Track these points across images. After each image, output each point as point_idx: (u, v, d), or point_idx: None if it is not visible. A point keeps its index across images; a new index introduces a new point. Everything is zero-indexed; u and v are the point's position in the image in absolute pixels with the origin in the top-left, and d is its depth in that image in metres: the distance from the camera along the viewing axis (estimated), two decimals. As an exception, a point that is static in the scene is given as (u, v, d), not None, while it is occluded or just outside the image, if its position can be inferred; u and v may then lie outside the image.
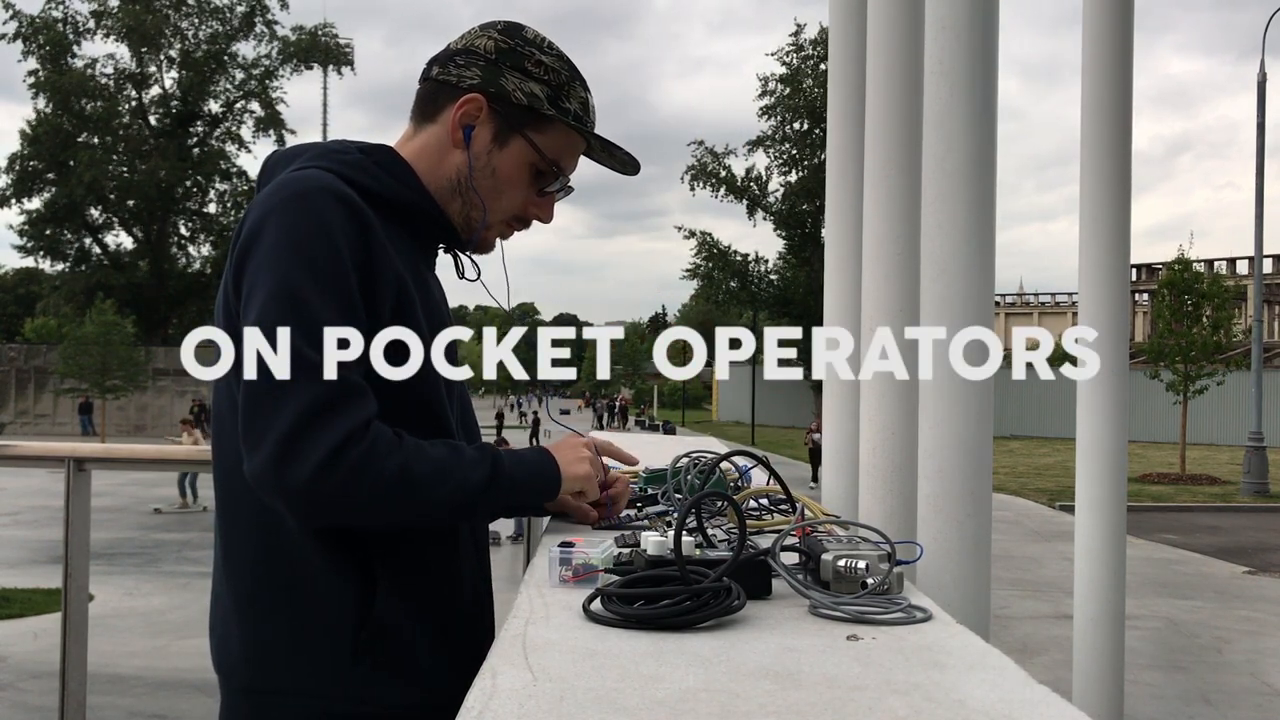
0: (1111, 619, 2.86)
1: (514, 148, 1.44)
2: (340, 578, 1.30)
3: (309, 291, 1.23)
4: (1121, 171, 2.86)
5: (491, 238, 1.51)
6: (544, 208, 1.51)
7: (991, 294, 1.70)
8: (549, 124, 1.44)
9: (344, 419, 1.19)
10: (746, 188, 45.94)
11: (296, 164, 1.37)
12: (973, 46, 1.67)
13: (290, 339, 1.20)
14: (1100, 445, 2.89)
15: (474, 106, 1.42)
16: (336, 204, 1.28)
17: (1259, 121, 20.28)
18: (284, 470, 1.17)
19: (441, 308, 1.46)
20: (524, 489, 1.35)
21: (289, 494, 1.18)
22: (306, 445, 1.17)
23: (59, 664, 2.63)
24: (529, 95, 1.42)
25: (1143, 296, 58.51)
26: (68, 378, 34.14)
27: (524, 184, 1.47)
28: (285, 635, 1.31)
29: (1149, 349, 22.85)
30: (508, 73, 1.42)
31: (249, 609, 1.34)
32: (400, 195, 1.40)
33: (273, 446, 1.17)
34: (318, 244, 1.25)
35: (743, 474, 1.73)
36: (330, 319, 1.23)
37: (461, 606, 1.41)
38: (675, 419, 49.56)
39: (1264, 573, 11.83)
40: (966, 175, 1.66)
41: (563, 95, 1.44)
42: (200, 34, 46.36)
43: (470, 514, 1.33)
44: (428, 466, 1.25)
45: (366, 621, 1.30)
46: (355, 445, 1.19)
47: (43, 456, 2.96)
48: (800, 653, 0.90)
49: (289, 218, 1.26)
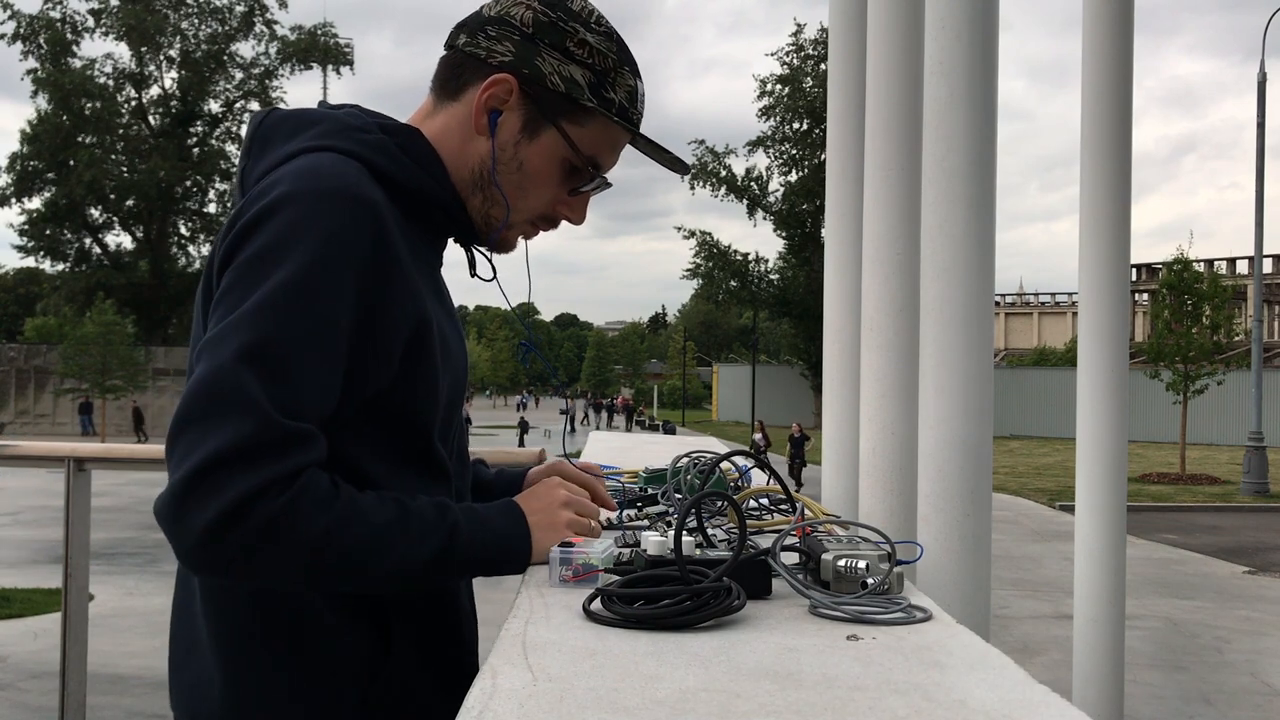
0: (1111, 619, 2.86)
1: (546, 140, 1.25)
2: (350, 621, 1.17)
3: (285, 315, 1.05)
4: (1121, 172, 2.86)
5: (513, 237, 1.33)
6: (575, 208, 1.32)
7: (991, 294, 1.70)
8: (589, 116, 1.25)
9: (269, 465, 1.00)
10: (746, 187, 46.01)
11: (307, 136, 1.19)
12: (973, 46, 1.67)
13: (239, 363, 1.01)
14: (1100, 445, 2.89)
15: (503, 89, 1.23)
16: (360, 218, 1.10)
17: (1259, 121, 20.32)
18: (181, 511, 0.98)
19: (454, 314, 1.32)
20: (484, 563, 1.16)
21: (180, 539, 1.00)
22: (212, 488, 0.98)
23: (59, 664, 2.63)
24: (568, 81, 1.23)
25: (1143, 296, 58.51)
26: (68, 378, 34.16)
27: (554, 181, 1.28)
28: (282, 683, 1.16)
29: (1149, 349, 22.84)
30: (545, 52, 1.23)
31: (239, 651, 1.17)
32: (424, 187, 1.23)
33: (178, 482, 0.99)
34: (321, 261, 1.07)
35: (743, 474, 1.73)
36: (300, 352, 1.05)
37: (464, 652, 1.30)
38: (675, 419, 49.56)
39: (1264, 573, 11.83)
40: (966, 175, 1.66)
41: (608, 83, 1.24)
42: (200, 34, 46.40)
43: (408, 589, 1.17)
44: (363, 534, 1.06)
45: (379, 673, 1.18)
46: (271, 498, 1.00)
47: (43, 456, 2.96)
48: (800, 653, 0.90)
49: (298, 220, 1.08)
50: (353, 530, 1.05)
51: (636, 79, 1.28)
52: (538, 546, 1.18)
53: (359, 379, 1.13)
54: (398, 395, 1.18)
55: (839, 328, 2.56)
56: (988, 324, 1.68)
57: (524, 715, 0.74)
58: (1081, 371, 2.93)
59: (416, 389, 1.19)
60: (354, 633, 1.18)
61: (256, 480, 0.99)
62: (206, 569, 1.04)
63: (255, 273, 1.06)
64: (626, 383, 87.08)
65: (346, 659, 1.17)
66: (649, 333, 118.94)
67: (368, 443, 1.17)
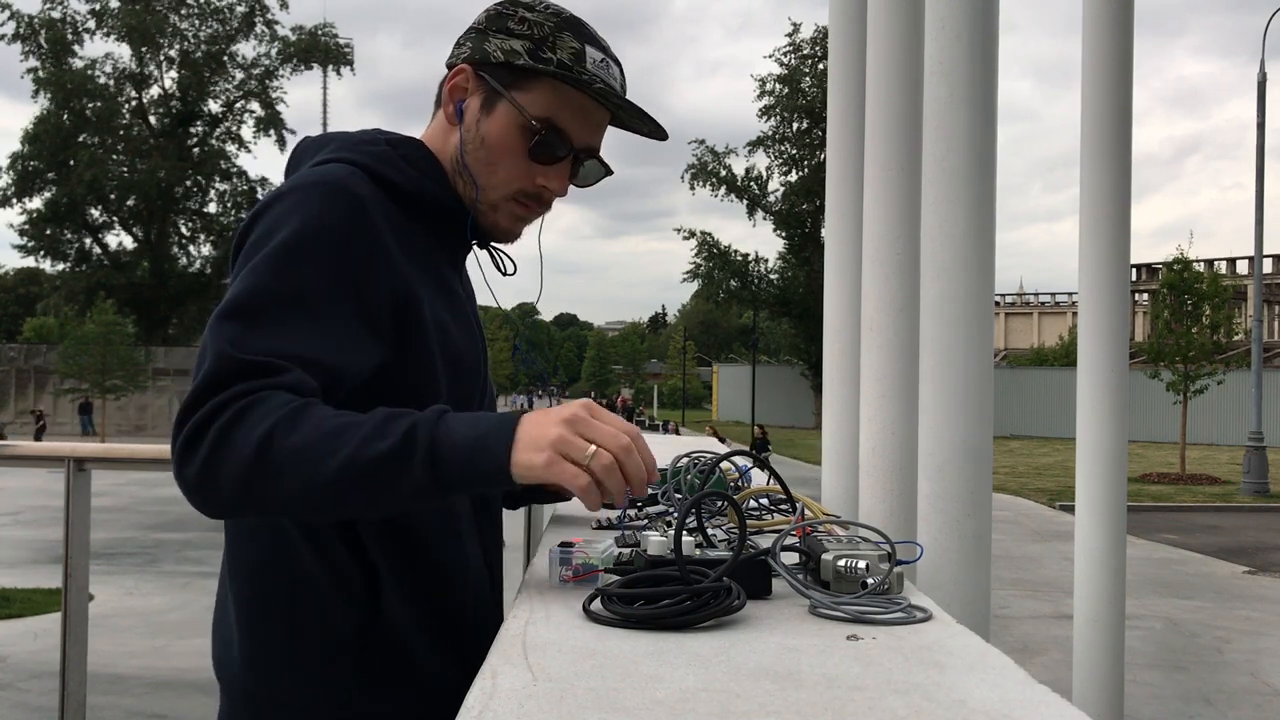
0: (1111, 619, 2.86)
1: (500, 112, 1.33)
2: (343, 584, 1.25)
3: (262, 283, 1.14)
4: (1122, 172, 2.86)
5: (503, 220, 1.38)
6: (550, 177, 1.36)
7: (991, 294, 1.70)
8: (532, 78, 1.32)
9: (225, 391, 1.05)
10: (746, 187, 46.03)
11: (323, 154, 1.32)
12: (973, 46, 1.67)
13: (218, 320, 1.12)
14: (1100, 445, 2.89)
15: (462, 78, 1.36)
16: (347, 205, 1.21)
17: (1259, 121, 20.32)
18: (173, 453, 1.07)
19: (464, 312, 1.38)
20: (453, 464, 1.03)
21: (178, 479, 1.07)
22: (181, 423, 1.06)
23: (59, 664, 2.63)
24: (507, 52, 1.32)
25: (1143, 296, 58.53)
26: (68, 378, 34.17)
27: (517, 151, 1.34)
28: (286, 642, 1.26)
29: (1149, 349, 22.84)
30: (493, 36, 1.34)
31: (251, 613, 1.29)
32: (424, 189, 1.33)
33: (172, 439, 1.08)
34: (297, 233, 1.17)
35: (743, 474, 1.73)
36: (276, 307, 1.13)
37: (466, 612, 1.34)
38: (675, 419, 49.56)
39: (1264, 573, 11.82)
40: (966, 175, 1.66)
41: (545, 46, 1.32)
42: (200, 34, 46.44)
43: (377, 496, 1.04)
44: (308, 430, 1.02)
45: (369, 632, 1.25)
46: (224, 412, 1.04)
47: (43, 456, 2.96)
48: (800, 653, 0.90)
49: (284, 209, 1.20)
50: (298, 431, 1.03)
51: (585, 45, 1.33)
52: (518, 458, 1.02)
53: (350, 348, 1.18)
54: (397, 376, 1.24)
55: (839, 328, 2.56)
56: (988, 324, 1.68)
57: (524, 715, 0.74)
58: (1081, 371, 2.93)
59: (409, 369, 1.25)
60: (345, 593, 1.25)
61: (212, 404, 1.05)
62: (200, 503, 1.08)
63: (246, 259, 1.19)
64: (626, 383, 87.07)
65: (340, 620, 1.25)
66: (649, 333, 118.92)
67: None
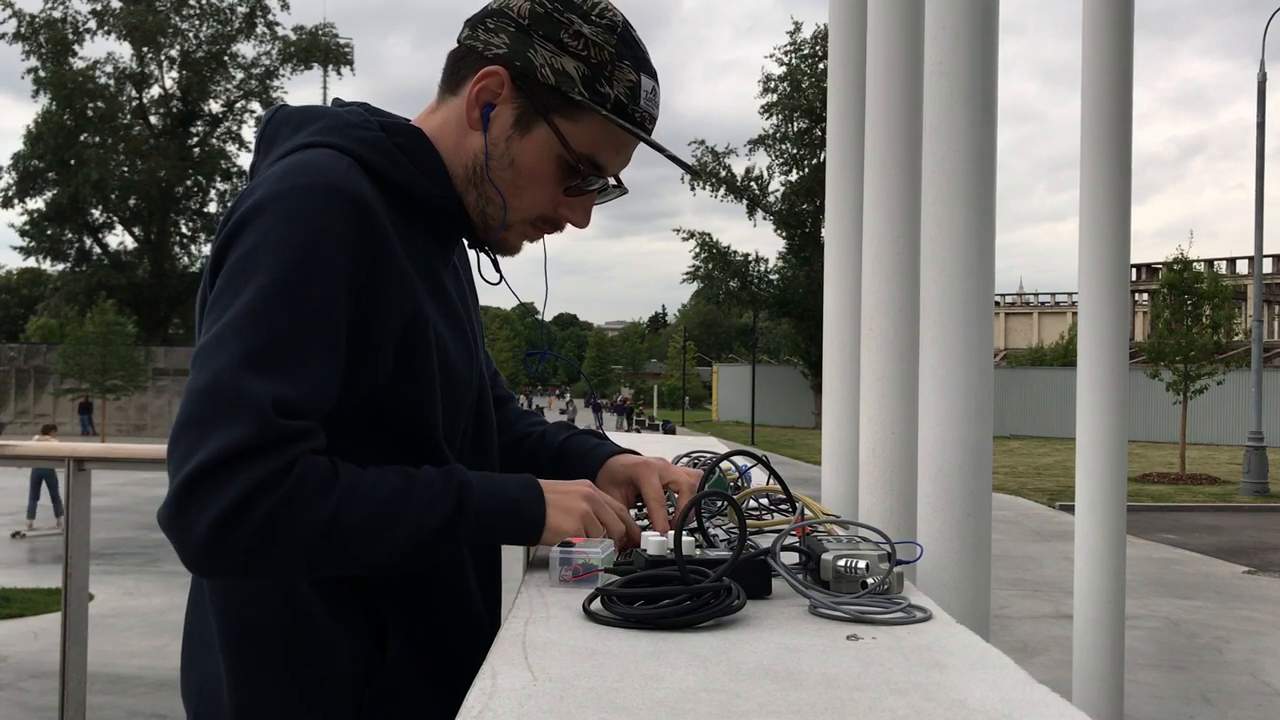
0: (1111, 619, 2.86)
1: (537, 136, 1.21)
2: (346, 623, 1.17)
3: (277, 314, 1.04)
4: (1121, 172, 2.86)
5: (514, 239, 1.29)
6: (576, 210, 1.27)
7: (991, 294, 1.69)
8: (582, 111, 1.20)
9: (265, 463, 1.00)
10: (746, 188, 46.01)
11: (306, 133, 1.19)
12: (973, 46, 1.67)
13: (235, 366, 1.01)
14: (1100, 445, 2.89)
15: (494, 81, 1.20)
16: (347, 211, 1.10)
17: (1259, 121, 20.32)
18: (183, 516, 0.98)
19: (458, 315, 1.28)
20: (496, 528, 1.15)
21: (183, 543, 1.00)
22: (212, 490, 0.98)
23: (59, 664, 2.63)
24: (559, 74, 1.18)
25: (1143, 296, 58.51)
26: (68, 378, 34.15)
27: (550, 180, 1.23)
28: (283, 684, 1.17)
29: (1149, 349, 22.84)
30: (539, 43, 1.19)
31: (241, 652, 1.18)
32: (418, 186, 1.22)
33: (178, 486, 0.99)
34: (308, 256, 1.07)
35: (743, 474, 1.73)
36: (296, 350, 1.05)
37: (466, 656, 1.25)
38: (675, 419, 49.57)
39: (1264, 573, 11.82)
40: (966, 175, 1.66)
41: (603, 77, 1.19)
42: (201, 34, 46.44)
43: (427, 559, 1.12)
44: (368, 509, 1.05)
45: (374, 677, 1.18)
46: (268, 494, 0.99)
47: (43, 456, 2.96)
48: (800, 653, 0.90)
49: (284, 217, 1.08)
50: (356, 510, 1.04)
51: (640, 74, 1.22)
52: (552, 522, 1.17)
53: (355, 371, 1.12)
54: (395, 394, 1.17)
55: (839, 328, 2.56)
56: (988, 324, 1.68)
57: (524, 715, 0.74)
58: (1081, 371, 2.93)
59: (409, 387, 1.18)
60: (349, 633, 1.18)
61: (254, 479, 0.99)
62: (210, 571, 1.03)
63: (244, 273, 1.06)
64: (626, 383, 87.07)
65: (344, 661, 1.17)
66: (649, 332, 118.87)
67: (371, 445, 1.16)
